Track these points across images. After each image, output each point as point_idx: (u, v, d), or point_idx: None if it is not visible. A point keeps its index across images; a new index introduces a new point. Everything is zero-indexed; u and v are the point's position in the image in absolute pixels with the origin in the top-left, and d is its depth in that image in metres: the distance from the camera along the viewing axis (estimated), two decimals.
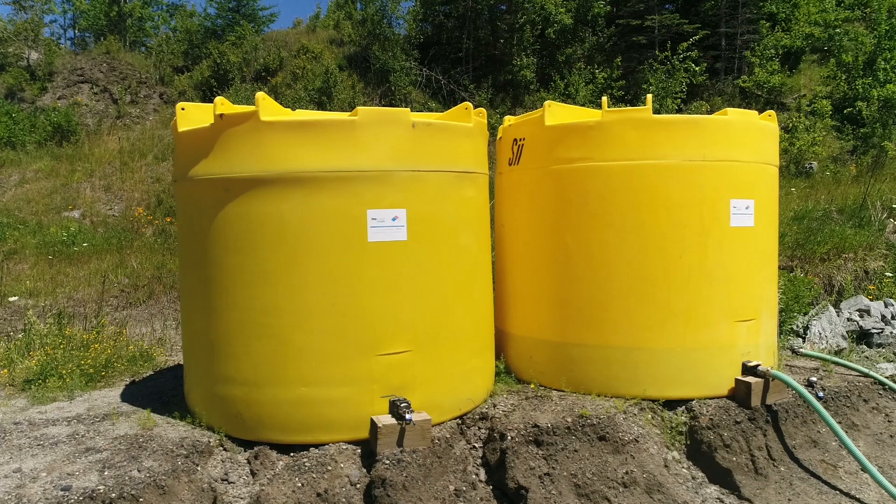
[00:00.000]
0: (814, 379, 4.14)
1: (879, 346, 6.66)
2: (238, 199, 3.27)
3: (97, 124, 15.86)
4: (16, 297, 6.37)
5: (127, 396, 4.23)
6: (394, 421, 3.26)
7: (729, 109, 3.99)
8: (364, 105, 15.85)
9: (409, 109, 3.42)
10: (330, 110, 15.44)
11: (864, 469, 3.46)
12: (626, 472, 3.36)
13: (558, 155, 4.03)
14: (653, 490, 3.33)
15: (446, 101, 16.82)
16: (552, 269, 4.10)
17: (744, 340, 3.95)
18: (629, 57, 16.76)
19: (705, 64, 15.90)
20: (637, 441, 3.50)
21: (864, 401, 4.21)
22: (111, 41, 19.81)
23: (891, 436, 4.06)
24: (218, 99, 3.34)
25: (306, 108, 14.82)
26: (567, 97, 15.57)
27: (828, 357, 4.74)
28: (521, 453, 3.39)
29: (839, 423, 4.00)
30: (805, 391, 3.66)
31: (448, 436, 3.52)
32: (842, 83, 15.57)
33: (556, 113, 4.12)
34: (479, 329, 3.84)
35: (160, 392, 4.29)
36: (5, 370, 4.73)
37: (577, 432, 3.50)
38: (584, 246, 3.97)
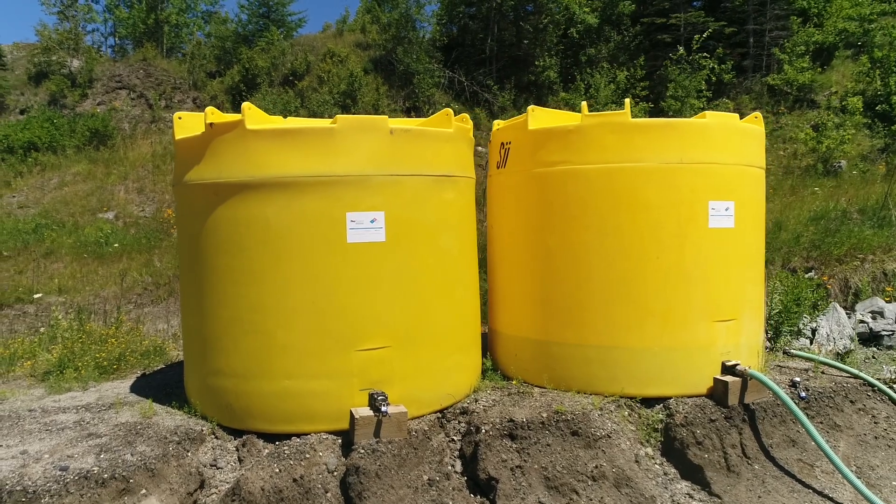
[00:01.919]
0: (797, 379, 4.16)
1: (890, 348, 6.58)
2: (226, 202, 3.48)
3: (133, 129, 16.49)
4: (40, 294, 6.77)
5: (135, 388, 4.50)
6: (371, 413, 3.43)
7: (708, 112, 4.04)
8: (387, 108, 16.12)
9: (386, 116, 3.59)
10: (354, 113, 15.75)
11: (833, 463, 3.49)
12: (596, 466, 3.47)
13: (541, 158, 4.14)
14: (621, 484, 3.42)
15: (469, 102, 16.95)
16: (535, 270, 4.22)
17: (723, 340, 4.00)
18: (654, 56, 16.61)
19: (732, 61, 15.68)
20: (609, 437, 3.60)
21: (851, 402, 4.21)
22: (148, 48, 20.52)
23: (875, 437, 4.05)
24: (209, 109, 3.57)
25: (331, 111, 15.14)
26: (589, 98, 15.54)
27: (818, 358, 4.74)
28: (493, 446, 3.52)
29: (820, 423, 4.02)
30: (780, 390, 3.70)
31: (426, 428, 3.67)
32: (875, 79, 15.16)
33: (539, 117, 4.24)
34: (460, 327, 3.98)
35: (166, 384, 4.55)
36: (29, 362, 5.08)
37: (551, 427, 3.62)
38: (565, 247, 4.07)
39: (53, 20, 23.76)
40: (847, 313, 7.44)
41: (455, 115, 4.00)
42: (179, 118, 3.88)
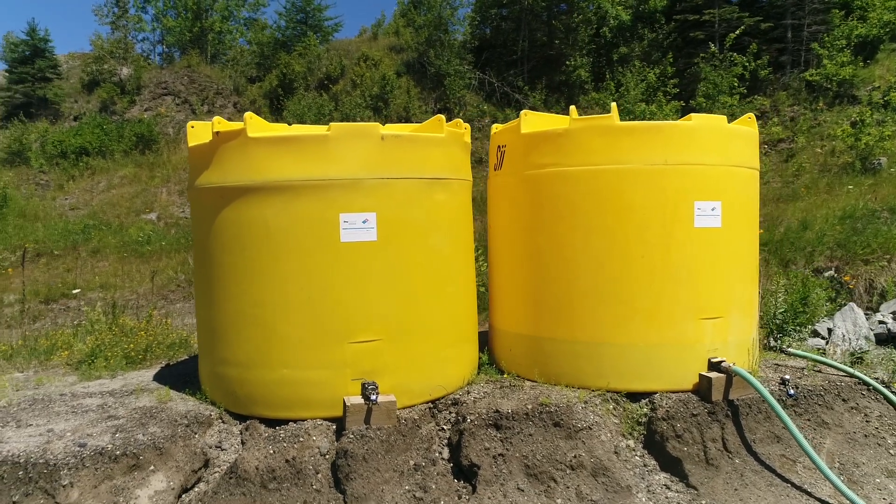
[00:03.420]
0: (787, 377, 4.20)
1: None
2: (231, 205, 3.78)
3: (176, 133, 17.24)
4: (78, 290, 7.28)
5: (158, 377, 4.86)
6: (362, 401, 3.66)
7: (694, 115, 4.14)
8: (419, 110, 16.40)
9: (378, 124, 3.81)
10: (386, 115, 16.09)
11: (809, 457, 3.55)
12: (575, 456, 3.62)
13: (532, 161, 4.31)
14: (598, 473, 3.57)
15: (500, 103, 17.10)
16: (528, 268, 4.39)
17: (710, 337, 4.09)
18: (688, 53, 16.43)
19: (767, 57, 15.39)
20: (590, 428, 3.75)
21: (843, 400, 4.23)
22: (193, 56, 21.38)
23: (865, 435, 4.07)
24: (216, 118, 3.87)
25: (363, 114, 15.52)
26: (619, 97, 15.49)
27: (815, 357, 4.75)
28: (477, 435, 3.71)
29: (808, 420, 4.07)
30: (760, 386, 3.77)
31: (416, 417, 3.89)
32: None
33: (532, 121, 4.40)
34: (452, 323, 4.17)
35: (186, 373, 4.89)
36: (66, 352, 5.51)
37: (535, 418, 3.79)
38: (555, 246, 4.23)
39: (107, 30, 24.92)
40: (867, 314, 7.33)
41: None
42: (192, 127, 4.20)
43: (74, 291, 7.47)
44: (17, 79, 19.14)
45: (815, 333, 6.85)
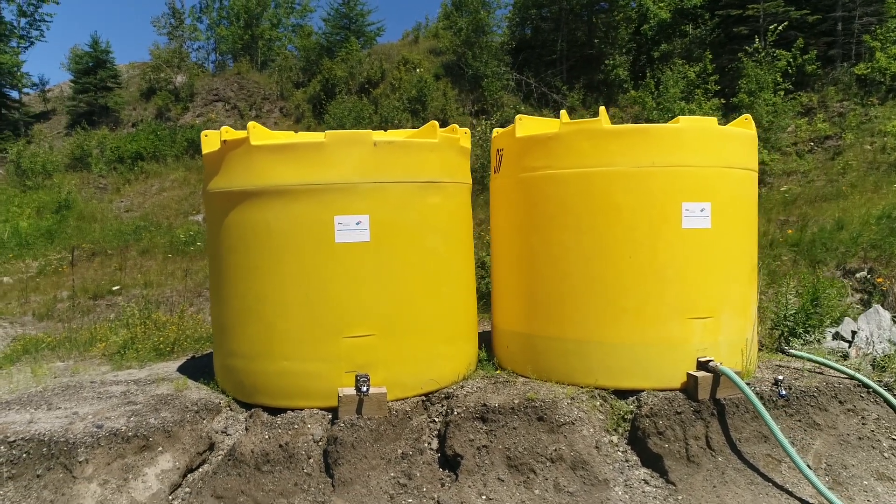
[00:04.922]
0: (781, 378, 4.19)
1: None
2: (236, 208, 4.07)
3: None
4: (118, 287, 7.79)
5: (182, 368, 5.22)
6: (354, 392, 3.89)
7: (682, 117, 4.19)
8: (456, 112, 16.59)
9: (371, 130, 4.03)
10: (423, 118, 16.36)
11: (790, 456, 3.56)
12: (556, 450, 3.75)
13: (525, 164, 4.45)
14: (577, 466, 3.68)
15: (538, 104, 17.12)
16: (522, 268, 4.53)
17: (699, 337, 4.14)
18: (732, 50, 16.04)
19: (815, 51, 14.88)
20: (573, 423, 3.86)
21: (840, 402, 4.19)
22: (243, 63, 22.23)
23: (859, 437, 4.03)
24: (224, 128, 4.17)
25: (401, 117, 15.83)
26: (659, 95, 15.27)
27: (812, 357, 4.71)
28: (463, 426, 3.88)
29: (798, 421, 4.06)
30: (745, 385, 3.80)
31: (408, 409, 4.09)
32: None
33: (527, 125, 4.53)
34: (447, 320, 4.35)
35: (207, 365, 5.22)
36: (103, 344, 5.97)
37: (520, 412, 3.93)
38: (546, 247, 4.35)
39: (165, 40, 26.12)
40: (891, 316, 7.10)
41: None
42: (206, 136, 4.52)
43: (115, 288, 8.00)
44: (81, 88, 20.34)
45: (838, 336, 6.70)
